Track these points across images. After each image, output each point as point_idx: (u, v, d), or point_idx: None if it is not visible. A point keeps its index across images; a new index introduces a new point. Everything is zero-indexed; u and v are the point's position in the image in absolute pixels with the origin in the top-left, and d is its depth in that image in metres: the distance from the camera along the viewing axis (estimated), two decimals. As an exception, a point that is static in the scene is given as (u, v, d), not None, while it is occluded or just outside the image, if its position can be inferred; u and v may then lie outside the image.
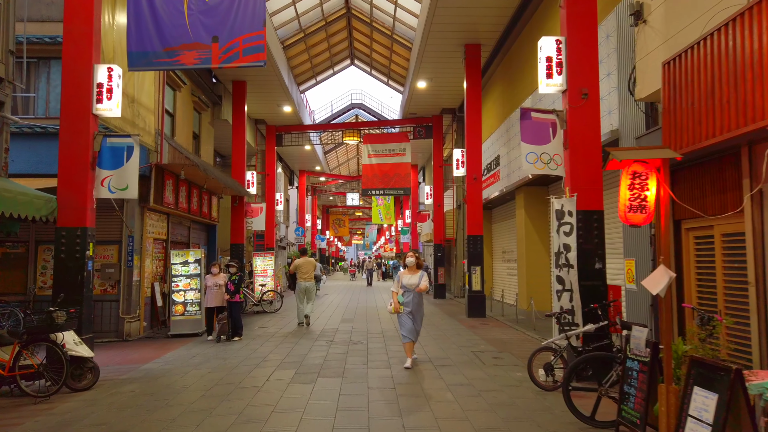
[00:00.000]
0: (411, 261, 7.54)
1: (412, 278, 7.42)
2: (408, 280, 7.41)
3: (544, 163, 6.76)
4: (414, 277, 7.44)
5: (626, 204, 3.95)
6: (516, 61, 13.65)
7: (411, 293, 7.39)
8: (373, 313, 14.52)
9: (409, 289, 7.38)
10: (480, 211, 13.78)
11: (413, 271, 7.51)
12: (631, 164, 3.91)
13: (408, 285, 7.40)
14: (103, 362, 8.11)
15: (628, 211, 3.94)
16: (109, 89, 7.32)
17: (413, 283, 7.38)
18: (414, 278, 7.42)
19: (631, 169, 3.91)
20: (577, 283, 6.46)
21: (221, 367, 7.50)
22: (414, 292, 7.39)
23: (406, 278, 7.43)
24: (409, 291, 7.38)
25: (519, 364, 7.52)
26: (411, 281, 7.40)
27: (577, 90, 6.80)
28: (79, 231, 7.13)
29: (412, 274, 7.47)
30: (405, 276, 7.48)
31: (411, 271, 7.51)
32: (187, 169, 11.63)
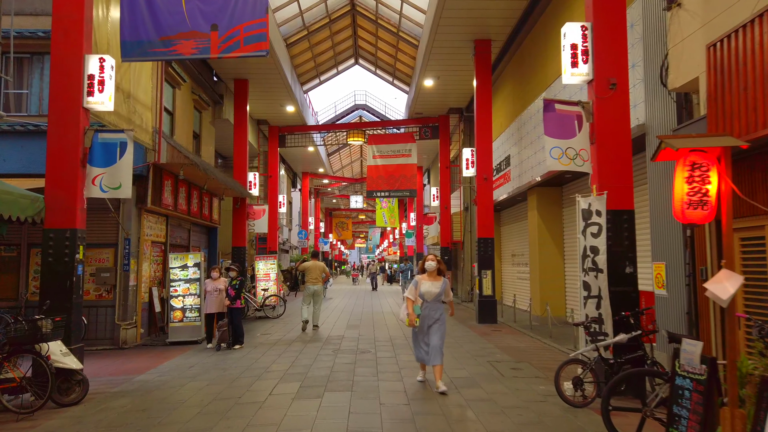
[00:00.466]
0: (431, 265, 6.31)
1: (432, 286, 6.22)
2: (427, 288, 6.22)
3: (570, 158, 6.24)
4: (435, 285, 6.24)
5: (684, 200, 3.43)
6: (528, 57, 13.15)
7: (429, 304, 6.21)
8: (380, 319, 14.00)
9: (428, 299, 6.22)
10: (491, 213, 13.26)
11: (434, 277, 6.30)
12: (688, 154, 3.39)
13: (427, 294, 6.21)
14: (96, 373, 7.62)
15: (687, 207, 3.42)
16: (101, 81, 6.84)
17: (434, 293, 6.21)
18: (435, 286, 6.23)
19: (690, 160, 3.39)
20: (607, 289, 5.93)
21: (220, 379, 6.99)
22: (434, 303, 6.23)
23: (426, 285, 6.24)
24: (428, 302, 6.21)
25: (540, 376, 6.99)
26: (431, 289, 6.20)
27: (605, 79, 6.30)
28: (68, 233, 6.64)
29: (433, 281, 6.27)
30: (424, 282, 6.26)
31: (431, 277, 6.30)
32: (187, 168, 11.14)
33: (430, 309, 6.22)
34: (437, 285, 6.26)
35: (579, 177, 11.58)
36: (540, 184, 12.51)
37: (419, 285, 6.27)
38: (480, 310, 12.95)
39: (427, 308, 6.22)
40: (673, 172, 6.51)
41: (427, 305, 6.22)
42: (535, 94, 12.48)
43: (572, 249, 12.31)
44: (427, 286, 6.26)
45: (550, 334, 10.34)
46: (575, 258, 12.14)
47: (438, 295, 6.22)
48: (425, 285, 6.26)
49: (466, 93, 17.73)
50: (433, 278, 6.31)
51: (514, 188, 14.05)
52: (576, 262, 12.06)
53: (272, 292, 15.63)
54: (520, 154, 13.73)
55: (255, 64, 15.13)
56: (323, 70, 21.94)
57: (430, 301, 6.22)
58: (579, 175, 11.43)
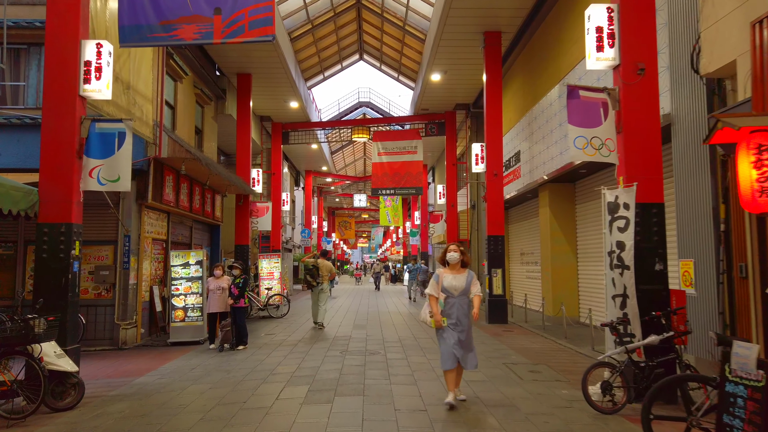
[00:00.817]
0: (454, 257, 5.51)
1: (456, 280, 5.49)
2: (451, 282, 5.47)
3: (595, 148, 5.87)
4: (459, 278, 5.50)
5: (754, 186, 3.04)
6: (539, 50, 12.77)
7: (456, 300, 5.48)
8: (386, 319, 13.63)
9: (452, 294, 5.48)
10: (501, 210, 12.88)
11: (457, 269, 5.54)
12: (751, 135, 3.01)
13: (451, 289, 5.47)
14: (93, 374, 7.28)
15: (759, 195, 3.02)
16: (98, 68, 6.49)
17: (459, 287, 5.47)
18: (460, 280, 5.49)
19: (755, 142, 3.01)
20: (634, 287, 5.56)
21: (224, 382, 6.63)
22: (460, 299, 5.49)
23: (449, 279, 5.48)
24: (453, 297, 5.49)
25: (561, 380, 6.62)
26: (456, 284, 5.47)
27: (632, 64, 5.92)
28: (63, 227, 6.29)
29: (457, 274, 5.52)
30: (447, 276, 5.50)
31: (454, 269, 5.54)
32: (189, 163, 10.79)
33: (457, 306, 5.46)
34: (462, 278, 5.50)
35: (594, 172, 11.21)
36: (552, 180, 12.14)
37: (441, 279, 5.51)
38: (490, 309, 12.58)
39: (453, 305, 5.45)
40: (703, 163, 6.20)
41: (452, 301, 5.46)
42: (547, 88, 12.11)
43: (586, 247, 11.93)
44: (449, 279, 5.48)
45: (565, 335, 9.97)
46: (589, 256, 11.77)
47: (464, 290, 5.48)
48: (448, 279, 5.48)
49: (474, 88, 17.35)
50: (457, 271, 5.53)
51: (525, 185, 13.67)
52: (590, 261, 11.69)
53: (276, 291, 15.27)
54: (531, 149, 13.35)
55: (258, 57, 14.79)
56: (327, 65, 21.58)
57: (456, 297, 5.46)
58: (594, 170, 11.06)
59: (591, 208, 11.69)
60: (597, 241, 11.33)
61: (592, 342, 8.74)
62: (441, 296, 5.48)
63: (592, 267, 11.60)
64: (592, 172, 11.18)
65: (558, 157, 11.29)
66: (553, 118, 11.69)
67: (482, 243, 18.76)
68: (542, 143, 12.37)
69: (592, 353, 8.36)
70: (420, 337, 10.21)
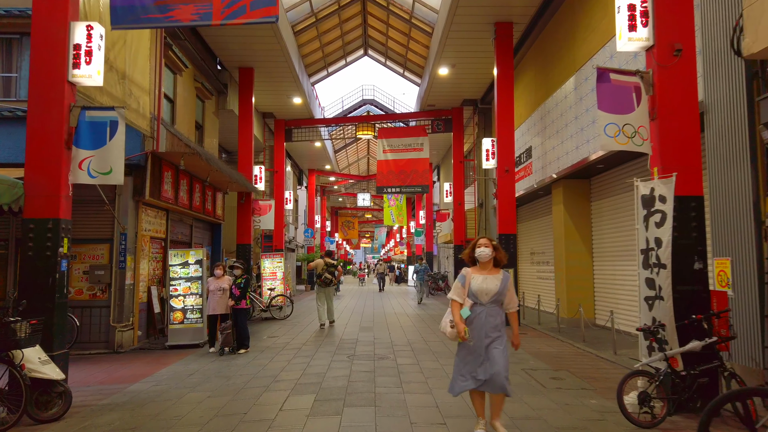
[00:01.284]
0: (485, 253, 4.31)
1: (487, 282, 4.26)
2: (480, 285, 4.26)
3: (627, 136, 5.38)
4: (492, 280, 4.28)
5: None
6: (552, 41, 12.28)
7: (484, 309, 4.24)
8: (393, 320, 13.15)
9: (481, 300, 4.26)
10: (513, 207, 12.39)
11: (489, 269, 4.35)
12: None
13: (480, 293, 4.25)
14: (85, 380, 6.83)
15: None
16: (89, 52, 6.03)
17: (490, 291, 4.24)
18: (492, 282, 4.27)
19: None
20: (670, 288, 5.07)
21: (224, 390, 6.17)
22: (491, 308, 4.26)
23: (478, 281, 4.28)
24: (482, 305, 4.25)
25: (587, 387, 6.13)
26: (486, 287, 4.25)
27: (668, 45, 5.44)
28: (50, 223, 5.83)
29: (488, 275, 4.31)
30: (476, 277, 4.31)
31: (485, 268, 4.34)
32: (188, 158, 10.33)
33: (486, 315, 4.23)
34: (494, 281, 4.28)
35: (612, 167, 10.71)
36: (567, 176, 11.64)
37: (468, 281, 4.31)
38: (501, 311, 12.06)
39: (480, 314, 4.24)
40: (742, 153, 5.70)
41: (479, 310, 4.24)
42: (562, 80, 11.62)
43: (602, 246, 11.43)
44: (478, 282, 4.27)
45: (582, 338, 9.48)
46: (605, 256, 11.26)
47: (497, 295, 4.25)
48: (477, 280, 4.28)
49: (482, 82, 16.87)
50: (488, 270, 4.34)
51: (537, 181, 13.19)
52: (606, 260, 11.18)
53: (279, 291, 14.81)
54: (543, 144, 12.87)
55: (261, 50, 14.34)
56: (331, 60, 21.12)
57: (486, 304, 4.25)
58: (612, 165, 10.56)
59: (607, 205, 11.20)
60: (614, 240, 10.83)
61: (614, 346, 8.25)
62: (467, 302, 4.27)
63: (609, 267, 11.10)
64: (609, 167, 10.69)
65: (574, 152, 10.80)
66: (568, 111, 11.20)
67: (490, 242, 18.27)
68: (556, 138, 11.88)
69: (614, 358, 7.88)
70: (430, 340, 9.72)
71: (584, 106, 10.30)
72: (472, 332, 4.25)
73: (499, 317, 4.33)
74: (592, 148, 9.90)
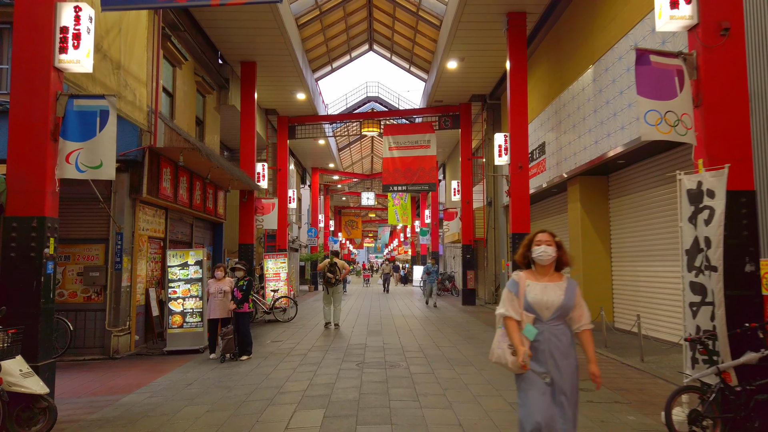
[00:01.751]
0: (547, 254, 3.21)
1: (549, 292, 3.16)
2: (539, 295, 3.16)
3: (670, 125, 4.86)
4: (553, 288, 3.18)
5: None
6: (568, 31, 11.75)
7: (547, 328, 3.15)
8: (402, 323, 12.64)
9: (541, 316, 3.16)
10: (526, 205, 11.86)
11: (549, 274, 3.25)
12: None
13: (540, 306, 3.15)
14: (75, 390, 6.35)
15: None
16: (76, 35, 5.54)
17: (554, 304, 3.14)
18: (554, 292, 3.16)
19: None
20: (722, 293, 4.54)
21: (224, 403, 5.67)
22: (555, 326, 3.15)
23: (536, 291, 3.17)
24: (543, 322, 3.15)
25: (621, 401, 5.62)
26: (548, 298, 3.15)
27: (714, 23, 4.91)
28: (34, 221, 5.34)
29: (549, 282, 3.20)
30: (533, 285, 3.20)
31: (544, 273, 3.24)
32: (188, 154, 9.84)
33: (548, 336, 3.12)
34: (557, 289, 3.15)
35: (633, 163, 10.17)
36: (584, 172, 11.11)
37: (522, 290, 3.18)
38: (515, 314, 11.54)
39: (542, 335, 3.12)
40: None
41: (541, 329, 3.13)
42: (578, 72, 11.09)
43: (621, 246, 10.89)
44: (537, 291, 3.15)
45: (604, 343, 8.95)
46: (625, 256, 10.73)
47: (561, 309, 3.13)
48: (534, 289, 3.16)
49: (492, 77, 16.35)
50: (549, 276, 3.22)
51: (551, 178, 12.66)
52: (626, 261, 10.64)
53: (282, 293, 14.31)
54: (558, 140, 12.34)
55: (264, 43, 13.84)
56: (336, 55, 20.61)
57: (548, 322, 3.13)
58: (633, 161, 10.03)
59: (627, 202, 10.66)
60: (634, 239, 10.30)
61: (641, 352, 7.72)
62: (525, 318, 3.15)
63: (629, 267, 10.57)
64: (630, 163, 10.15)
65: (592, 147, 10.27)
66: (585, 104, 10.67)
67: (499, 242, 17.75)
68: (572, 132, 11.35)
69: (641, 365, 7.36)
70: (443, 345, 9.21)
71: (604, 98, 9.78)
72: (539, 360, 3.08)
73: (566, 338, 3.15)
74: (613, 142, 9.37)
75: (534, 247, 3.30)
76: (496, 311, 3.30)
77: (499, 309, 3.26)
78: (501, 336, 3.27)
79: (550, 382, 3.08)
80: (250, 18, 12.51)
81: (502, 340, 3.25)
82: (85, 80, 7.26)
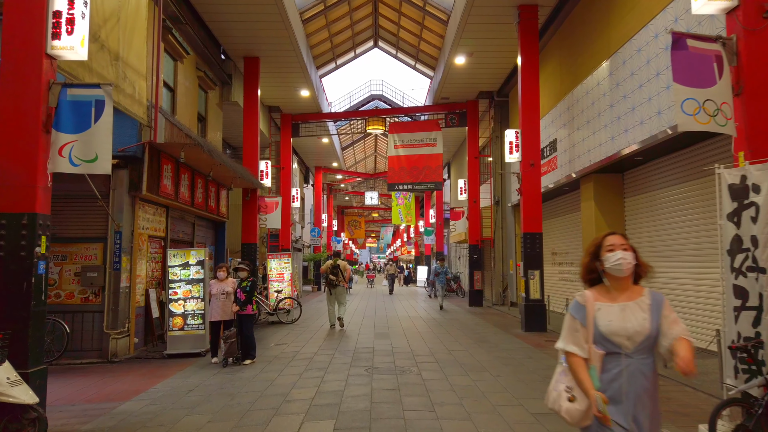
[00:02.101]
0: (625, 261, 2.40)
1: (629, 314, 2.34)
2: (617, 321, 2.33)
3: (709, 115, 4.50)
4: (634, 309, 2.35)
5: None
6: (581, 24, 11.37)
7: (631, 363, 2.29)
8: (409, 326, 12.28)
9: (619, 348, 2.31)
10: (538, 203, 11.51)
11: (627, 288, 2.43)
12: None
13: (617, 336, 2.31)
14: (70, 398, 6.01)
15: None
16: (70, 20, 5.20)
17: (638, 331, 2.30)
18: (637, 314, 2.34)
19: None
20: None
21: (227, 412, 5.32)
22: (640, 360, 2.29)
23: (612, 315, 2.35)
24: (622, 354, 2.30)
25: (650, 411, 5.23)
26: (630, 325, 2.31)
27: (755, 5, 4.55)
28: (25, 218, 5.00)
29: (627, 302, 2.38)
30: (605, 308, 2.38)
31: (621, 289, 2.42)
32: (189, 150, 9.50)
33: (630, 374, 2.29)
34: (640, 311, 2.35)
35: (651, 159, 9.78)
36: (598, 170, 10.74)
37: (590, 314, 2.39)
38: (527, 315, 11.20)
39: (621, 372, 2.30)
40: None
41: (622, 364, 2.31)
42: (593, 66, 10.71)
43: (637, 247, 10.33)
44: (613, 316, 2.35)
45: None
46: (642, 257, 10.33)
47: (648, 338, 2.31)
48: (609, 314, 2.36)
49: (500, 73, 15.98)
50: (627, 292, 2.42)
51: (563, 176, 12.29)
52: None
53: (286, 293, 13.97)
54: (570, 137, 11.96)
55: (267, 38, 13.50)
56: (340, 52, 20.26)
57: (632, 355, 2.30)
58: (652, 157, 9.64)
59: (643, 201, 10.28)
60: (651, 239, 9.92)
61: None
62: (595, 354, 2.33)
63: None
64: (649, 159, 9.77)
65: (608, 144, 9.90)
66: (601, 98, 10.30)
67: (507, 242, 17.38)
68: (586, 129, 10.97)
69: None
70: (454, 349, 8.85)
71: (621, 93, 9.41)
72: (619, 411, 2.26)
73: (653, 374, 2.32)
74: (631, 138, 9.00)
75: (606, 254, 2.43)
76: (556, 344, 2.48)
77: (561, 343, 2.45)
78: (560, 375, 2.47)
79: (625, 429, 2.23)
80: (254, 11, 12.17)
81: (561, 380, 2.45)
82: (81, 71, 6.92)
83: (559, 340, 2.48)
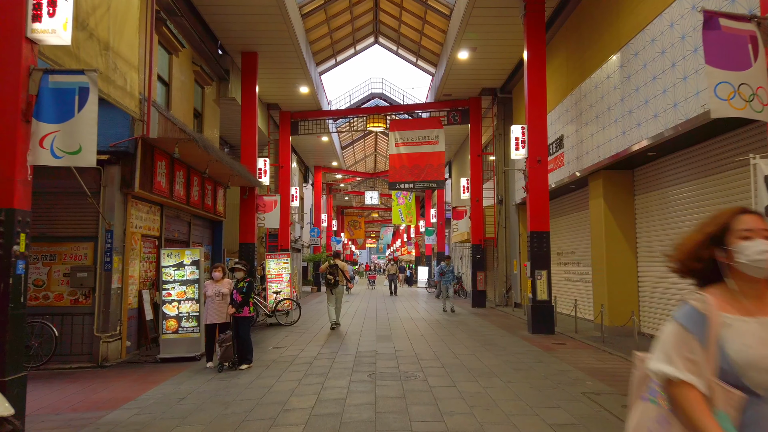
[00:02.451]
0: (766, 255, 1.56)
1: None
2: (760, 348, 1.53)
3: (745, 100, 4.14)
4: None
5: None
6: (589, 16, 11.02)
7: None
8: (412, 327, 11.91)
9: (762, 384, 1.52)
10: (545, 201, 11.15)
11: (764, 297, 1.63)
12: None
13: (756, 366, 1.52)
14: (55, 406, 5.64)
15: None
16: (52, 1, 4.83)
17: None
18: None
19: None
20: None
21: (220, 423, 4.95)
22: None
23: (749, 334, 1.56)
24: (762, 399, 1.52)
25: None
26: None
27: (795, -18, 4.19)
28: (2, 214, 4.64)
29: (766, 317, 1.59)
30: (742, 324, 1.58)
31: (759, 295, 1.63)
32: (184, 146, 9.13)
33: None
34: None
35: (665, 155, 9.43)
36: (607, 166, 10.39)
37: (714, 333, 1.57)
38: (533, 317, 10.84)
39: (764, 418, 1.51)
40: None
41: (761, 412, 1.52)
42: (602, 59, 10.36)
43: (648, 245, 10.15)
44: (752, 335, 1.56)
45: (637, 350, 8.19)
46: (653, 256, 9.97)
47: None
48: (746, 332, 1.57)
49: (504, 69, 15.63)
50: (764, 299, 1.64)
51: (570, 173, 11.94)
52: (654, 261, 9.90)
53: (285, 295, 13.60)
54: (578, 132, 11.61)
55: (266, 32, 13.15)
56: (340, 48, 19.90)
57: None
58: (665, 152, 9.28)
59: (655, 198, 9.93)
60: (663, 238, 9.56)
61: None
62: (725, 394, 1.54)
63: (657, 268, 9.82)
64: (662, 155, 9.42)
65: (619, 139, 9.55)
66: (611, 92, 9.94)
67: (511, 242, 17.01)
68: (595, 124, 10.62)
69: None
70: (460, 353, 8.48)
71: (633, 85, 9.05)
72: None
73: None
74: (644, 132, 8.64)
75: (740, 242, 1.63)
76: (651, 365, 1.62)
77: (658, 363, 1.59)
78: (655, 423, 1.62)
79: None
80: (252, 4, 11.81)
81: (657, 429, 1.60)
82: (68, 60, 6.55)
83: (655, 359, 1.59)
